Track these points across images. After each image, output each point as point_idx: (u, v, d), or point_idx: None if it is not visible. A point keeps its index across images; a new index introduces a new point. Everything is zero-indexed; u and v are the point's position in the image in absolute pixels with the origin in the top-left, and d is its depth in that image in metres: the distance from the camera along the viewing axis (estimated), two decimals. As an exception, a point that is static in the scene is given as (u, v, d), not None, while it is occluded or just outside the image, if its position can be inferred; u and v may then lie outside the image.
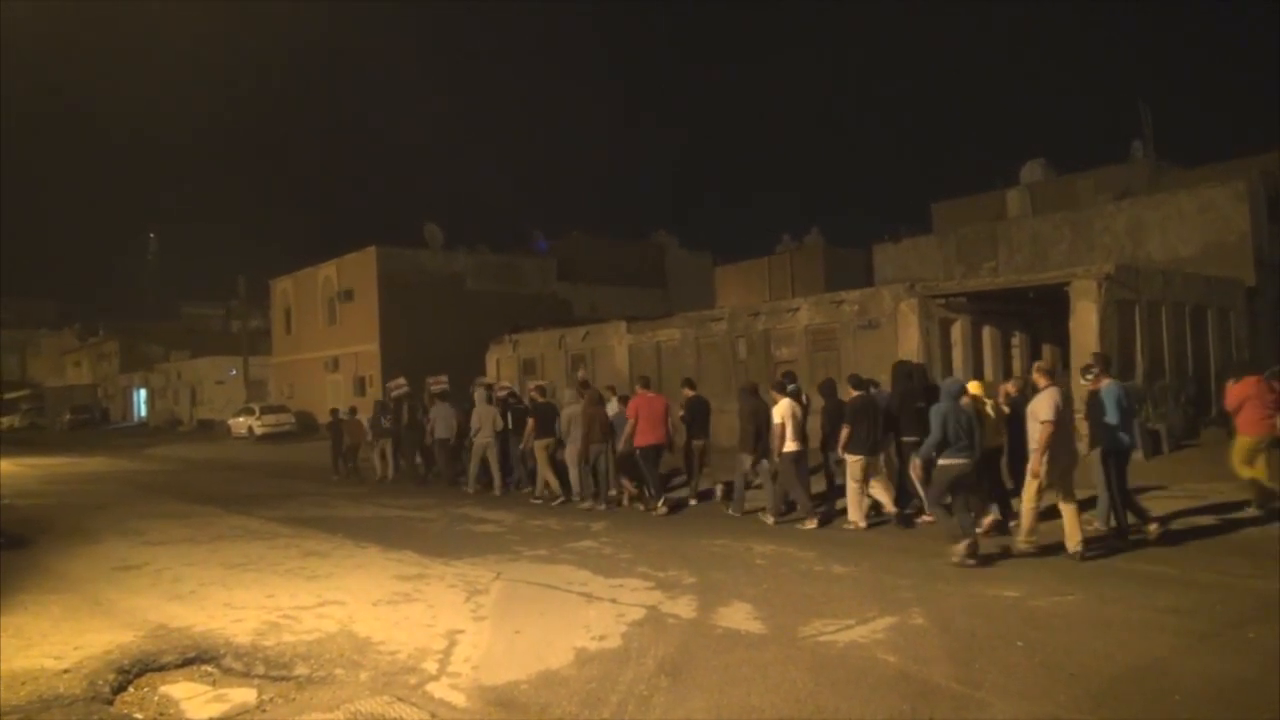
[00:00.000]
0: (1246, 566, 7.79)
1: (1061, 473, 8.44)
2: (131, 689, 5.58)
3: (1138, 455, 11.57)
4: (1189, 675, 5.19)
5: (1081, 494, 8.68)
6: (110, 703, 5.35)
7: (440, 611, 7.13)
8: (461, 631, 6.51)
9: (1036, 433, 8.36)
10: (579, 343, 25.28)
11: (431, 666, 5.72)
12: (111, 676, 5.69)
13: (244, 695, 5.40)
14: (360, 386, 34.09)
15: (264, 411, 35.77)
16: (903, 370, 11.58)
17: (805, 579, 7.96)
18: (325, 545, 10.52)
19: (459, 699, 5.16)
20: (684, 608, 7.00)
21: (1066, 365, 17.09)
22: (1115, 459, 8.98)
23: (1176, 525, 9.61)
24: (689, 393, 13.41)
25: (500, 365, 27.52)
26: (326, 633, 6.57)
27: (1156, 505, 10.74)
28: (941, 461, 8.62)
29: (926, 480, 9.31)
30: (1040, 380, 8.70)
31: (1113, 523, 9.05)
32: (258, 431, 34.67)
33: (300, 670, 5.76)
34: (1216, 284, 19.72)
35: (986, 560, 8.25)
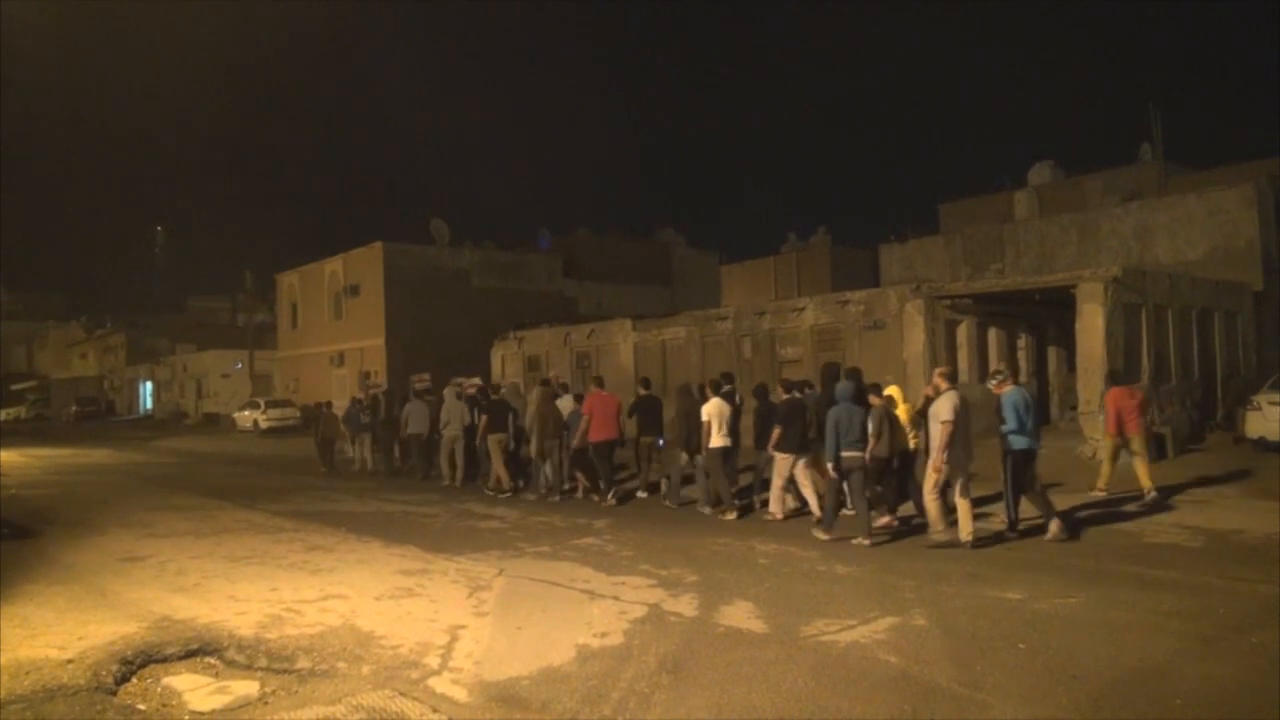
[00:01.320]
0: (1250, 571, 7.78)
1: (959, 469, 9.07)
2: (135, 680, 5.60)
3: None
4: (1191, 679, 5.18)
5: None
6: (114, 693, 5.37)
7: (443, 607, 7.15)
8: (464, 627, 6.53)
9: (937, 432, 9.03)
10: (584, 340, 25.29)
11: (433, 661, 5.73)
12: (115, 667, 5.71)
13: (247, 687, 5.42)
14: (363, 382, 34.15)
15: (269, 405, 35.86)
16: (830, 373, 12.24)
17: (807, 578, 7.96)
18: (328, 539, 10.55)
19: (460, 694, 5.17)
20: (686, 606, 7.01)
21: (1073, 368, 17.08)
22: (1013, 459, 9.46)
23: (1184, 530, 9.60)
24: (642, 392, 14.14)
25: (505, 362, 27.54)
26: (329, 626, 6.59)
27: (1168, 509, 10.77)
28: (842, 454, 9.58)
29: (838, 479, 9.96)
30: (941, 383, 9.40)
31: (1011, 517, 9.56)
32: (263, 425, 34.75)
33: (303, 663, 5.77)
34: (1224, 288, 19.69)
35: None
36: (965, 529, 9.00)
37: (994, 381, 9.92)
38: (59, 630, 6.53)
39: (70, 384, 64.25)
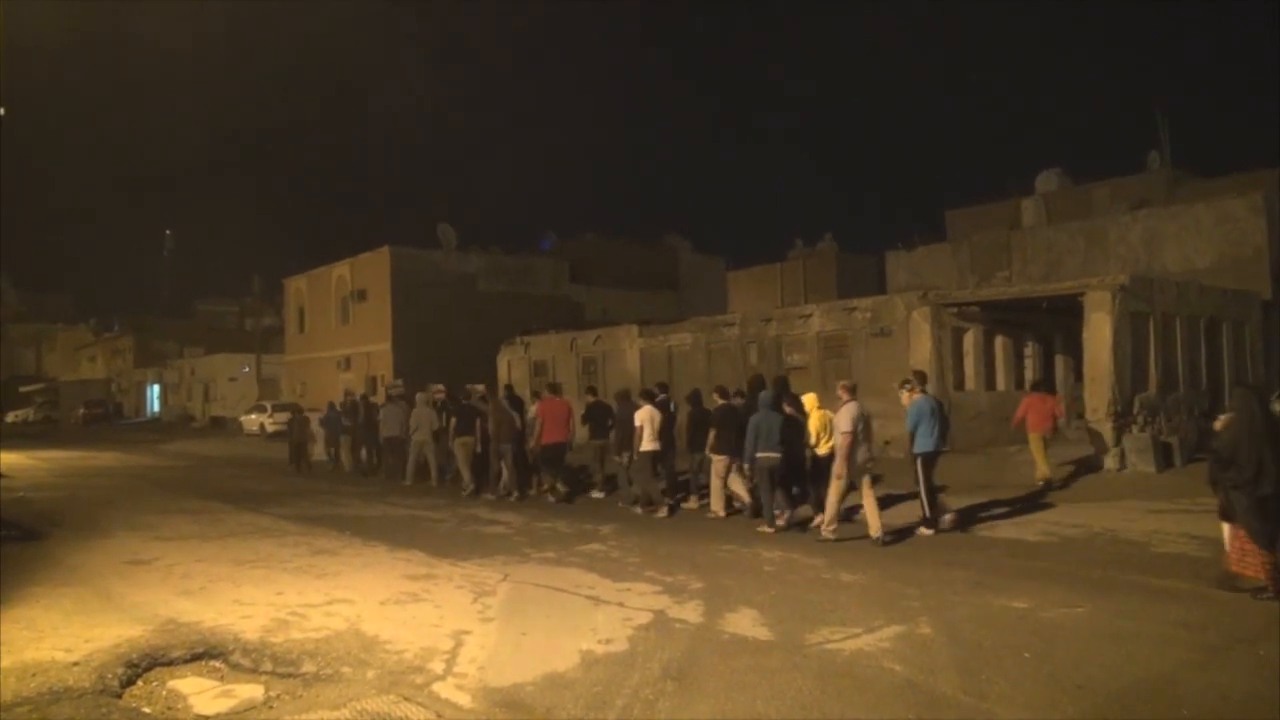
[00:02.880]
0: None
1: (860, 472, 9.99)
2: (140, 683, 5.62)
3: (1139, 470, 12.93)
4: (1198, 690, 5.16)
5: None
6: (119, 696, 5.39)
7: (447, 612, 7.15)
8: (468, 632, 6.53)
9: (839, 441, 9.96)
10: (590, 346, 25.31)
11: (438, 667, 5.74)
12: (120, 670, 5.72)
13: (251, 691, 5.43)
14: (372, 386, 34.18)
15: (276, 409, 35.90)
16: (757, 384, 13.00)
17: (813, 586, 7.95)
18: (334, 543, 10.56)
19: (464, 699, 5.17)
20: (691, 613, 7.01)
21: (1080, 377, 17.03)
22: (921, 460, 10.35)
23: (1192, 540, 9.57)
24: (590, 400, 15.43)
25: (511, 367, 27.58)
26: (334, 631, 6.60)
27: (1176, 519, 10.76)
28: (757, 455, 10.86)
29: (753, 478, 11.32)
30: (843, 395, 10.24)
31: (927, 513, 10.38)
32: (269, 429, 34.77)
33: (307, 668, 5.78)
34: (1232, 297, 19.61)
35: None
36: (874, 526, 9.84)
37: (904, 390, 10.69)
38: (65, 633, 6.55)
39: (78, 386, 64.45)
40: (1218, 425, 7.98)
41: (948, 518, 10.46)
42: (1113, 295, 15.27)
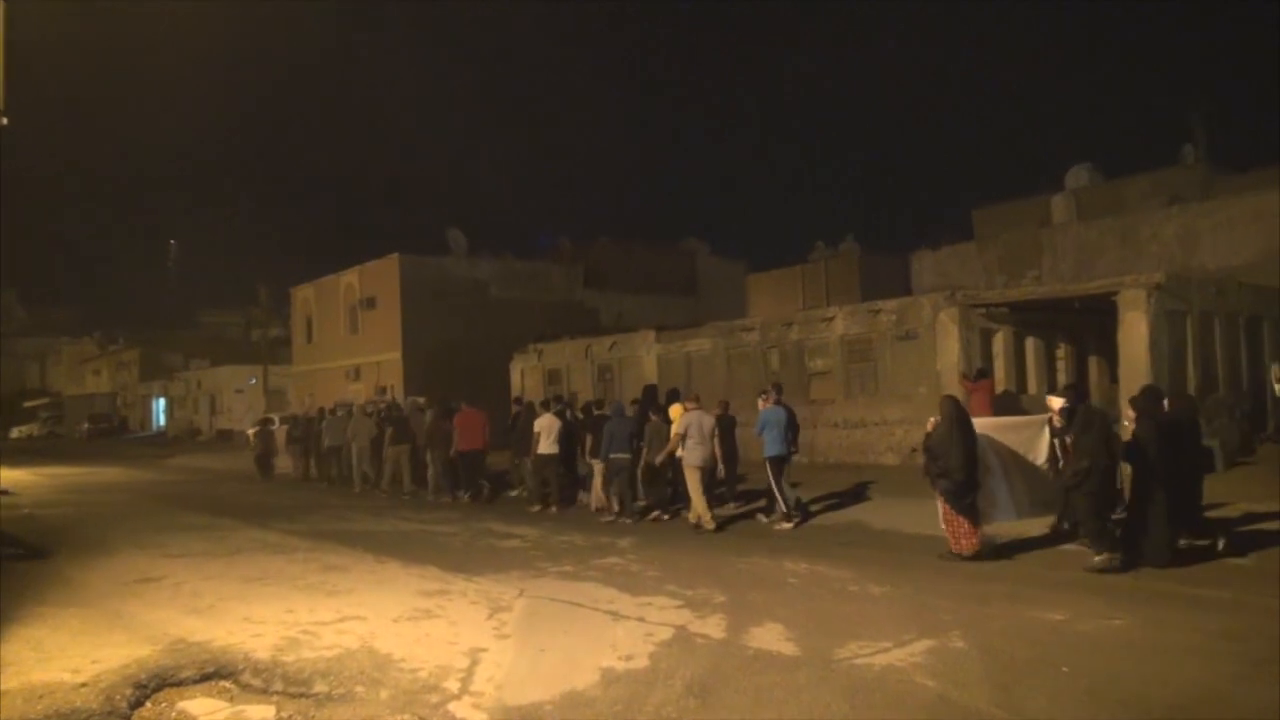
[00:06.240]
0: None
1: (696, 469, 12.14)
2: (149, 704, 5.65)
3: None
4: (1244, 704, 5.11)
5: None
6: (128, 718, 5.42)
7: (462, 629, 7.16)
8: (484, 650, 6.54)
9: (671, 440, 12.37)
10: (605, 353, 25.32)
11: (453, 685, 5.74)
12: (129, 691, 5.75)
13: (263, 712, 5.45)
14: (382, 396, 34.31)
15: (283, 421, 36.07)
16: (648, 393, 15.43)
17: (840, 599, 7.92)
18: (345, 559, 10.60)
19: (482, 719, 5.17)
20: (714, 627, 6.99)
21: (1115, 379, 16.90)
22: (771, 463, 12.14)
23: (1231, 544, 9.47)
24: (515, 408, 17.17)
25: (524, 375, 27.63)
26: (346, 649, 6.62)
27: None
28: (609, 456, 13.18)
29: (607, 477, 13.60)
30: (689, 405, 12.68)
31: (782, 509, 12.10)
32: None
33: (320, 687, 5.80)
34: (1272, 294, 19.43)
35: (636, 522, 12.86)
36: (705, 518, 12.05)
37: (761, 397, 12.63)
38: (72, 653, 6.59)
39: (83, 401, 65.09)
40: (928, 427, 9.66)
41: (778, 518, 12.17)
42: (1148, 294, 15.17)
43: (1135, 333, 15.18)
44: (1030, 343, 18.74)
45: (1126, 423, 10.20)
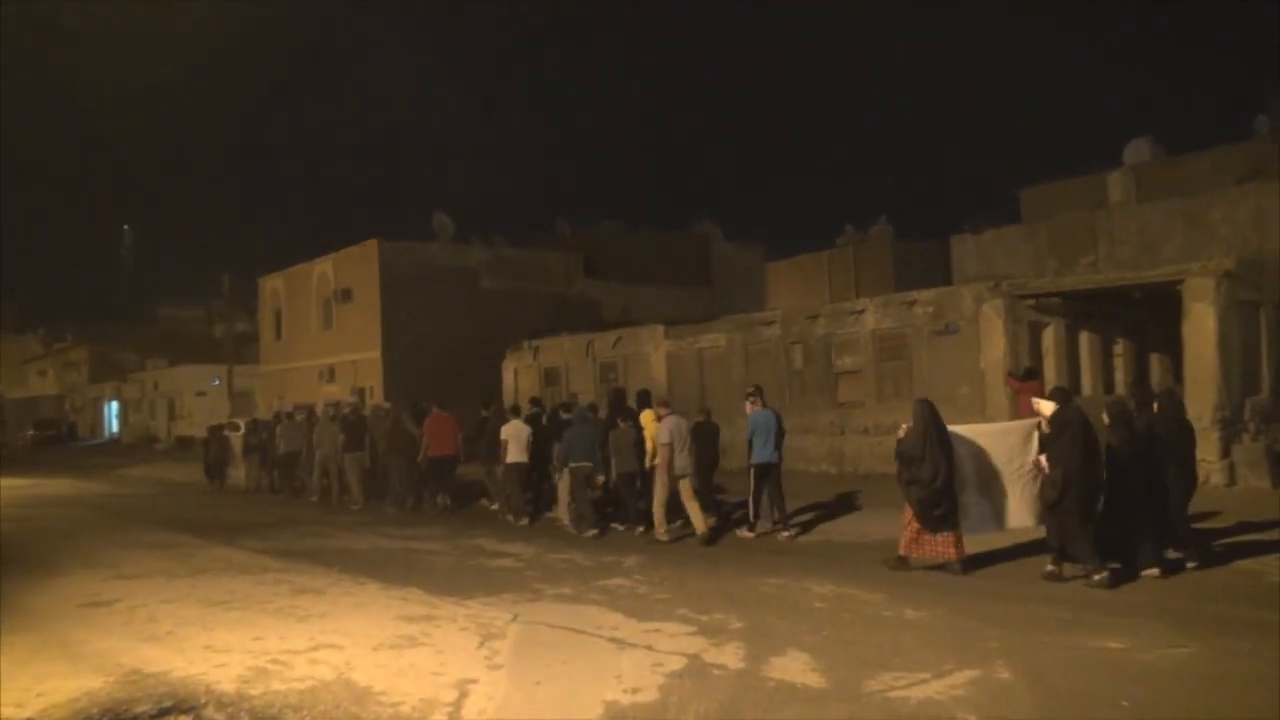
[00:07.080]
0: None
1: (678, 479, 12.51)
2: (101, 742, 5.67)
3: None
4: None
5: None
6: (78, 758, 5.44)
7: (450, 658, 7.18)
8: (474, 681, 6.55)
9: (659, 454, 12.55)
10: (609, 350, 25.34)
11: (440, 721, 5.75)
12: (79, 728, 5.77)
13: (227, 751, 5.46)
14: (361, 399, 34.36)
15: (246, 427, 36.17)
16: (616, 398, 16.15)
17: (872, 625, 7.91)
18: (319, 581, 10.63)
19: (471, 759, 5.18)
20: (730, 656, 6.99)
21: (1179, 377, 16.86)
22: (754, 470, 12.55)
23: None
24: (484, 414, 17.26)
25: (519, 375, 27.68)
26: (321, 680, 6.64)
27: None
28: (570, 465, 13.61)
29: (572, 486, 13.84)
30: (661, 411, 12.89)
31: (751, 519, 12.71)
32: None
33: (291, 723, 5.81)
34: (1358, 283, 19.34)
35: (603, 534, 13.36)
36: (699, 524, 12.50)
37: (748, 401, 12.95)
38: (16, 686, 6.62)
39: (27, 404, 65.31)
40: (901, 433, 10.06)
41: (749, 530, 12.76)
42: (1217, 283, 15.12)
43: (1202, 326, 15.14)
44: (1084, 338, 18.70)
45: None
